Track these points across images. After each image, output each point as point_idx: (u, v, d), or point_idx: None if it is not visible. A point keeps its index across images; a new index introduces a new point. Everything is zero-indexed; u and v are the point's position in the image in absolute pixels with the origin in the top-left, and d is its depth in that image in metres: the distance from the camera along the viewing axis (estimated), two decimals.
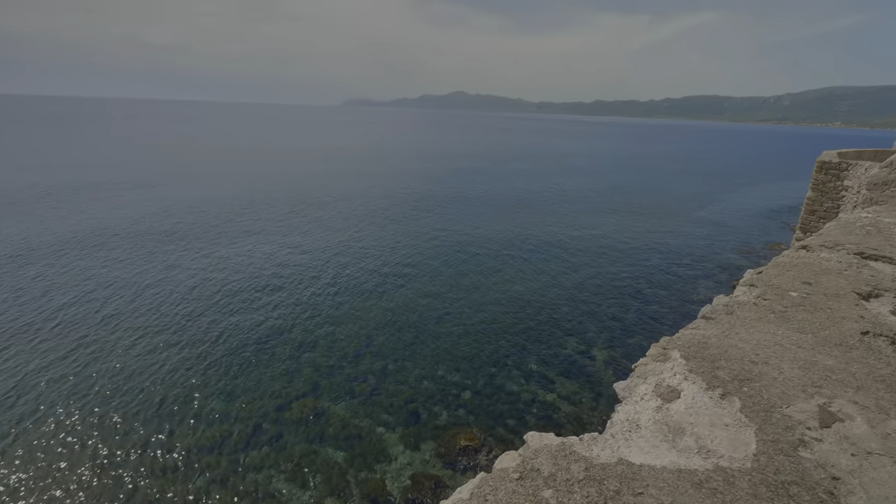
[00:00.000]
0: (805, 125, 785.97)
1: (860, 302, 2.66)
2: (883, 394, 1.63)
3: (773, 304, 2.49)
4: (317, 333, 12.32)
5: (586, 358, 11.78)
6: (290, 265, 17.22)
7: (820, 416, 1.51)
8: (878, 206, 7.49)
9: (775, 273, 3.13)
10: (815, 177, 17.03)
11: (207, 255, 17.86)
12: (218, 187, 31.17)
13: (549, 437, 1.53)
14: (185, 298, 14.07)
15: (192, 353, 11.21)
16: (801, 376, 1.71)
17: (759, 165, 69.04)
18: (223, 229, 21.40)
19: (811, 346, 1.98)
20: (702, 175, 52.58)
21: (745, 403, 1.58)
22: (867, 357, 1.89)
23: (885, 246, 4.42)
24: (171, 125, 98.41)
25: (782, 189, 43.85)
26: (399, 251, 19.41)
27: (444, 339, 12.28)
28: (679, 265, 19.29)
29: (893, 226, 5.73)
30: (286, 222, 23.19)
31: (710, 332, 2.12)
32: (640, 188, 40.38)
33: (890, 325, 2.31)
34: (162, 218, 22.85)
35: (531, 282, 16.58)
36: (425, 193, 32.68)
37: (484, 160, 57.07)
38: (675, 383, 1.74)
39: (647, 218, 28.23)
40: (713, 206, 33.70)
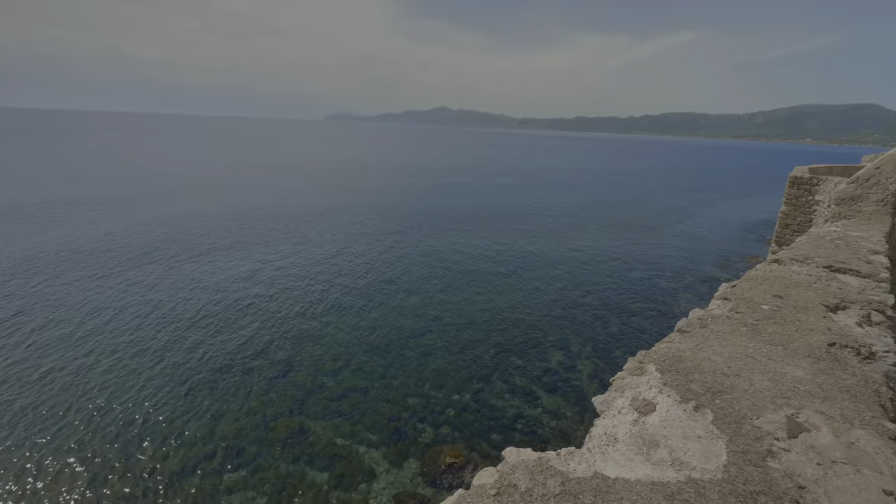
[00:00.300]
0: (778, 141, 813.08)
1: (828, 314, 2.76)
2: (847, 404, 1.69)
3: (746, 318, 2.57)
4: (299, 351, 12.13)
5: (571, 371, 11.82)
6: (272, 282, 17.00)
7: (788, 426, 1.56)
8: (846, 221, 7.73)
9: (748, 287, 3.23)
10: (787, 192, 17.57)
11: (187, 273, 17.54)
12: (198, 203, 30.76)
13: (526, 453, 1.55)
14: (164, 317, 13.75)
15: (172, 373, 10.93)
16: (771, 388, 1.77)
17: (735, 180, 71.03)
18: (203, 246, 21.08)
19: (781, 359, 2.05)
20: (680, 190, 53.83)
21: (717, 415, 1.62)
22: (833, 368, 1.96)
23: (853, 259, 4.57)
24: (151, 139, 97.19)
25: (757, 203, 45.13)
26: (383, 267, 19.34)
27: (429, 355, 12.21)
28: (661, 278, 19.61)
29: (861, 239, 5.92)
30: (268, 238, 22.96)
31: (685, 346, 2.17)
32: (622, 202, 41.13)
33: (855, 337, 2.39)
34: (140, 235, 22.41)
35: (516, 296, 16.65)
36: (409, 209, 32.75)
37: (467, 175, 57.56)
38: (650, 397, 1.78)
39: (628, 232, 28.71)
40: (692, 219, 34.46)
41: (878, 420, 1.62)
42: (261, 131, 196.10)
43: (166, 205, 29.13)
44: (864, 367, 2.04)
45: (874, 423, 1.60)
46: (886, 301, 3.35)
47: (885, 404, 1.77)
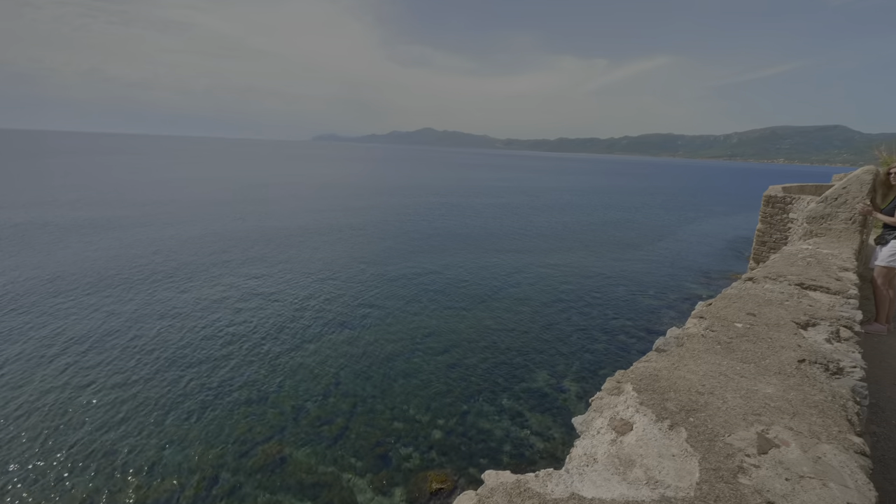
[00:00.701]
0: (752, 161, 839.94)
1: (798, 331, 2.85)
2: (815, 419, 1.75)
3: (720, 336, 2.64)
4: (281, 376, 11.92)
5: (558, 391, 11.81)
6: (253, 306, 16.77)
7: (758, 443, 1.61)
8: (817, 238, 7.96)
9: (723, 305, 3.32)
10: (763, 210, 18.15)
11: (165, 298, 17.21)
12: (179, 225, 30.38)
13: (504, 475, 1.56)
14: (139, 345, 13.42)
15: (147, 399, 10.61)
16: (743, 405, 1.82)
17: (714, 198, 72.92)
18: (183, 270, 20.75)
19: (753, 376, 2.11)
20: (662, 208, 55.02)
21: (691, 433, 1.66)
22: (802, 384, 2.03)
23: (823, 276, 4.71)
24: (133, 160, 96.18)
25: (736, 220, 46.33)
26: (366, 288, 19.25)
27: (415, 377, 12.10)
28: (644, 295, 19.87)
29: (831, 257, 6.10)
30: (250, 261, 22.71)
31: (661, 365, 2.23)
32: (606, 221, 41.83)
33: (824, 353, 2.48)
34: (118, 259, 21.98)
35: (502, 316, 16.69)
36: (394, 229, 32.82)
37: (452, 195, 58.04)
38: (627, 416, 1.81)
39: (612, 250, 29.14)
40: (673, 237, 35.17)
41: (844, 434, 1.68)
42: (246, 152, 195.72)
43: (147, 228, 28.70)
44: (832, 383, 2.12)
45: (840, 438, 1.65)
46: (854, 317, 3.47)
47: (851, 418, 1.83)
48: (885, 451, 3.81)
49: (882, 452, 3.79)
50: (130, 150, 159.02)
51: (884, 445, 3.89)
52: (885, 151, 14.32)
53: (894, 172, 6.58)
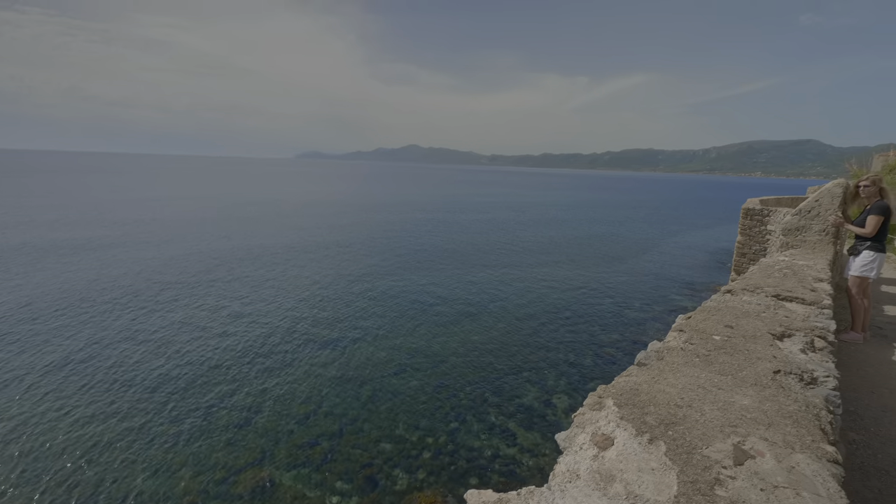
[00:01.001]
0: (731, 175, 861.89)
1: (774, 342, 2.91)
2: (789, 429, 1.79)
3: (699, 349, 2.69)
4: (264, 396, 11.69)
5: (547, 407, 11.78)
6: (236, 323, 16.51)
7: (734, 454, 1.64)
8: (793, 250, 8.16)
9: (702, 318, 3.38)
10: (742, 222, 18.58)
11: (147, 318, 16.85)
12: (160, 244, 29.93)
13: (487, 494, 1.57)
14: (122, 368, 13.08)
15: (128, 427, 10.30)
16: (720, 417, 1.86)
17: (695, 211, 74.42)
18: (165, 288, 20.38)
19: (730, 388, 2.15)
20: (645, 221, 55.94)
21: (670, 447, 1.69)
22: (778, 395, 2.08)
23: (798, 287, 4.82)
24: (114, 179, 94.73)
25: (717, 232, 47.29)
26: (353, 305, 19.10)
27: (402, 396, 11.97)
28: (630, 308, 20.06)
29: (806, 268, 6.25)
30: (234, 280, 22.41)
31: (642, 379, 2.26)
32: (590, 236, 42.34)
33: (798, 364, 2.54)
34: (99, 280, 21.52)
35: (490, 332, 16.67)
36: (380, 246, 32.76)
37: (438, 211, 58.28)
38: (608, 431, 1.84)
39: (597, 263, 29.44)
40: (657, 249, 35.71)
41: (817, 443, 1.73)
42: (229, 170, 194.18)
43: (128, 248, 28.20)
44: (807, 393, 2.17)
45: (814, 447, 1.70)
46: (829, 327, 3.56)
47: (824, 428, 1.88)
48: (865, 459, 3.87)
49: (862, 460, 3.86)
50: (111, 168, 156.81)
51: (863, 453, 3.96)
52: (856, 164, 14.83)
53: (863, 185, 6.80)
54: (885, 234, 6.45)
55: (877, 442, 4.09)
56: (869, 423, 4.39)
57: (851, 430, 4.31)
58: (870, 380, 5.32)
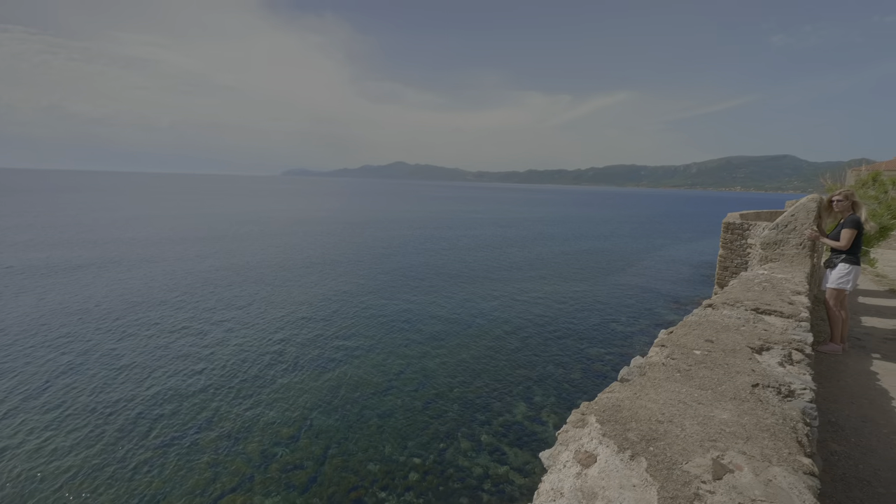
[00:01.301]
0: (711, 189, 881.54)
1: (753, 356, 2.97)
2: (767, 442, 1.82)
3: (680, 364, 2.73)
4: (248, 419, 11.43)
5: (537, 424, 11.72)
6: (219, 344, 16.20)
7: (713, 469, 1.66)
8: (772, 264, 8.34)
9: (683, 332, 3.44)
10: (723, 236, 18.96)
11: (130, 339, 16.46)
12: (144, 265, 29.41)
13: None
14: (99, 390, 12.71)
15: (106, 450, 9.96)
16: (700, 432, 1.88)
17: (679, 225, 75.75)
18: (144, 309, 19.97)
19: (710, 402, 2.19)
20: (630, 236, 56.71)
21: (651, 463, 1.71)
22: (756, 409, 2.11)
23: (777, 301, 4.92)
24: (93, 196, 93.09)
25: (701, 246, 48.13)
26: (338, 324, 18.91)
27: (390, 415, 11.80)
28: (617, 322, 20.20)
29: (785, 281, 6.39)
30: (217, 299, 22.07)
31: (624, 395, 2.29)
32: (577, 250, 42.74)
33: (776, 377, 2.59)
34: (77, 301, 21.02)
35: (478, 348, 16.61)
36: (367, 263, 32.63)
37: (425, 228, 58.40)
38: (591, 448, 1.85)
39: (584, 278, 29.68)
40: (643, 263, 36.16)
41: (794, 456, 1.76)
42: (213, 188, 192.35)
43: (107, 269, 27.63)
44: (784, 406, 2.22)
45: (791, 460, 1.73)
46: (806, 339, 3.64)
47: (801, 440, 1.92)
48: (846, 470, 3.92)
49: (843, 471, 3.90)
50: (92, 187, 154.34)
51: (844, 464, 4.01)
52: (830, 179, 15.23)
53: (836, 200, 7.02)
54: (858, 246, 6.64)
55: (857, 452, 4.15)
56: (849, 434, 4.46)
57: (833, 440, 4.37)
58: (849, 390, 5.42)
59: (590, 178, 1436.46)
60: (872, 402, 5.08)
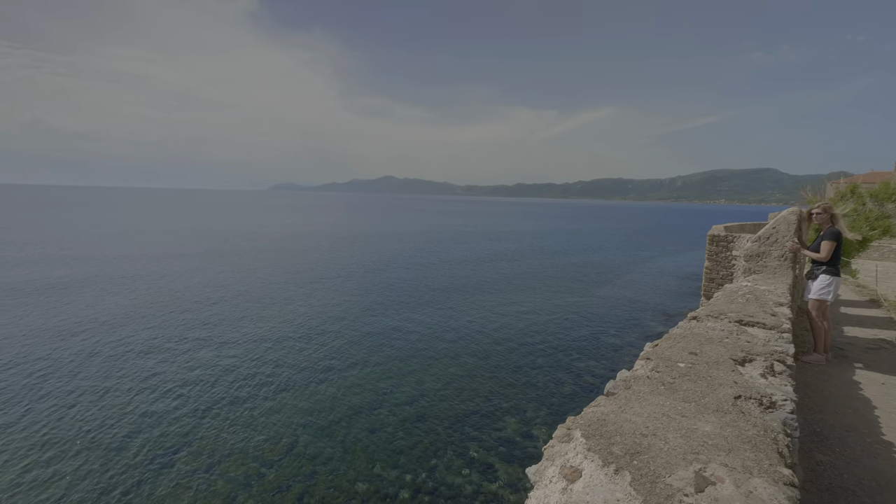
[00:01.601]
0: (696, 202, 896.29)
1: (736, 368, 3.01)
2: (748, 454, 1.85)
3: (664, 377, 2.76)
4: (233, 438, 11.20)
5: (528, 439, 11.64)
6: (200, 360, 15.92)
7: (696, 481, 1.68)
8: (755, 275, 8.47)
9: (668, 345, 3.47)
10: (708, 248, 19.23)
11: (113, 360, 16.11)
12: (127, 284, 28.95)
13: None
14: (83, 410, 12.38)
15: (87, 475, 9.66)
16: (683, 444, 1.90)
17: (666, 237, 76.70)
18: (132, 328, 19.60)
19: (693, 415, 2.21)
20: (618, 248, 57.25)
21: (635, 476, 1.72)
22: (738, 420, 2.14)
23: (760, 312, 5.00)
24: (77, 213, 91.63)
25: (688, 258, 48.72)
26: (327, 339, 18.72)
27: (380, 432, 11.64)
28: (606, 335, 20.27)
29: (768, 293, 6.49)
30: (203, 317, 21.75)
31: (609, 409, 2.30)
32: (566, 263, 42.99)
33: (758, 388, 2.62)
34: (59, 320, 20.57)
35: (468, 363, 16.52)
36: (356, 278, 32.47)
37: (414, 242, 58.37)
38: (577, 463, 1.86)
39: (574, 291, 29.81)
40: (632, 276, 36.47)
41: (774, 467, 1.79)
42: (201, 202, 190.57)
43: (93, 289, 27.13)
44: (765, 417, 2.25)
45: (771, 471, 1.75)
46: (788, 351, 3.69)
47: (781, 451, 1.95)
48: (832, 480, 3.96)
49: (829, 481, 3.94)
50: (76, 203, 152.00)
51: (830, 473, 4.05)
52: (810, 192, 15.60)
53: (815, 213, 7.19)
54: (838, 258, 6.79)
55: (842, 462, 4.20)
56: (834, 444, 4.50)
57: (818, 451, 4.42)
58: (833, 400, 5.49)
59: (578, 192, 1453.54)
60: (856, 412, 5.15)
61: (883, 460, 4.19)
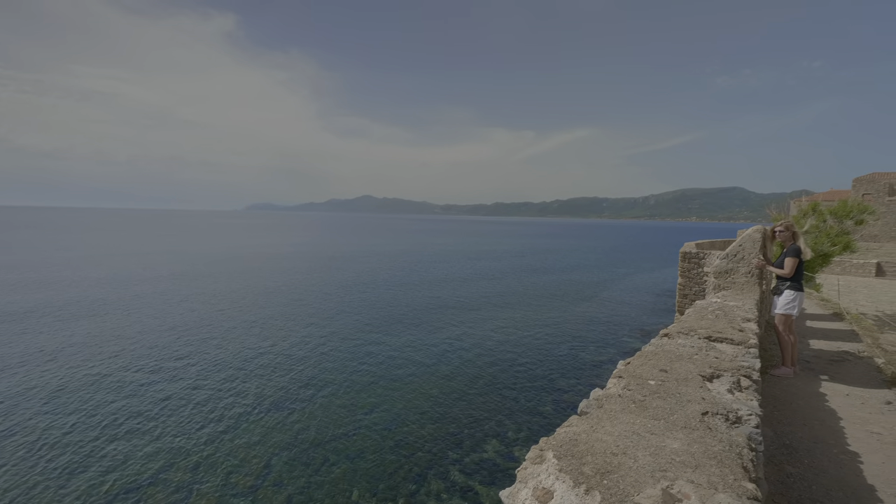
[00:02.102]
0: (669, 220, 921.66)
1: (704, 384, 3.08)
2: (714, 469, 1.89)
3: (635, 395, 2.81)
4: (205, 466, 10.76)
5: (508, 460, 11.53)
6: (169, 386, 15.37)
7: (663, 499, 1.71)
8: (725, 292, 8.72)
9: (639, 363, 3.54)
10: (681, 265, 19.73)
11: (82, 390, 15.40)
12: (96, 312, 27.92)
13: None
14: (54, 439, 11.74)
15: None
16: (652, 462, 1.94)
17: (641, 255, 78.36)
18: (100, 363, 18.83)
19: (662, 432, 2.25)
20: (595, 266, 58.17)
21: (605, 496, 1.74)
22: (705, 437, 2.19)
23: (728, 328, 5.14)
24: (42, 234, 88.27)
25: (664, 274, 49.80)
26: (303, 363, 18.33)
27: (358, 458, 11.36)
28: (586, 352, 20.43)
29: (736, 308, 6.69)
30: (172, 345, 21.08)
31: (581, 428, 2.33)
32: (544, 282, 43.39)
33: (725, 404, 2.69)
34: (16, 347, 19.63)
35: (447, 383, 16.38)
36: (333, 299, 32.06)
37: (394, 260, 58.11)
38: (548, 484, 1.87)
39: (553, 309, 30.05)
40: (608, 293, 37.02)
41: (739, 482, 1.83)
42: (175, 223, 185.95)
43: (57, 316, 26.04)
44: (731, 432, 2.31)
45: (735, 486, 1.80)
46: (754, 366, 3.80)
47: (746, 465, 2.00)
48: (801, 492, 4.04)
49: (798, 493, 4.02)
50: (42, 224, 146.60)
51: (799, 485, 4.14)
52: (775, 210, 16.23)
53: (778, 231, 7.50)
54: (801, 273, 7.07)
55: (811, 474, 4.30)
56: (803, 456, 4.61)
57: (788, 463, 4.52)
58: (801, 412, 5.64)
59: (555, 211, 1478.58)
60: (823, 423, 5.30)
61: (849, 471, 4.30)
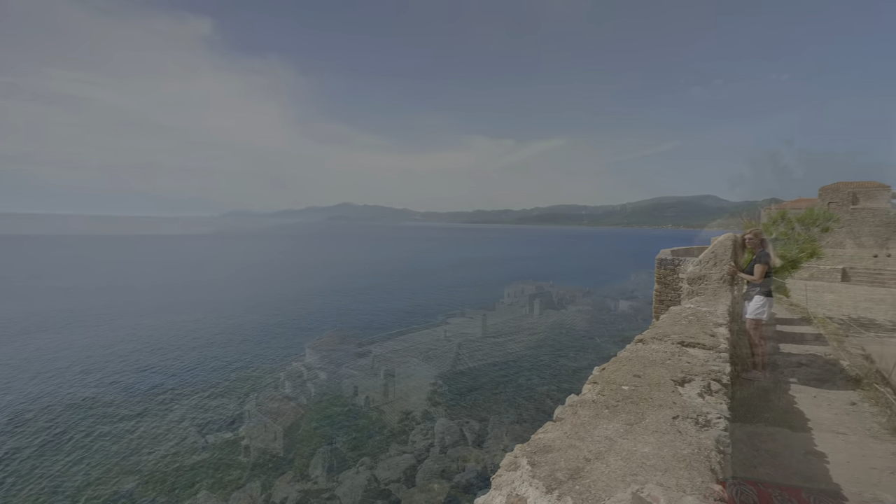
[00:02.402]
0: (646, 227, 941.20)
1: (676, 388, 3.15)
2: (682, 472, 1.94)
3: (609, 400, 2.86)
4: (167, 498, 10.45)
5: (493, 470, 11.50)
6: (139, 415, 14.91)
7: (633, 502, 1.75)
8: (698, 297, 8.92)
9: (614, 369, 3.60)
10: (657, 272, 20.11)
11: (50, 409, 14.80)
12: (61, 328, 26.95)
13: None
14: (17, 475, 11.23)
15: None
16: (623, 466, 1.98)
17: (619, 261, 79.79)
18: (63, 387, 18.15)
19: (633, 437, 2.30)
20: (576, 273, 58.93)
21: (576, 500, 1.77)
22: (675, 440, 2.24)
23: (700, 333, 5.27)
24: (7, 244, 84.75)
25: (640, 280, 50.75)
26: (278, 378, 18.00)
27: (343, 472, 11.17)
28: (566, 358, 20.61)
29: (708, 314, 6.85)
30: (142, 366, 20.48)
31: (555, 435, 2.36)
32: (526, 289, 43.65)
33: (695, 408, 2.76)
34: None
35: (431, 393, 16.31)
36: (304, 312, 31.63)
37: (376, 267, 57.73)
38: (522, 491, 1.89)
39: (534, 316, 30.26)
40: (588, 299, 37.53)
41: (706, 484, 1.88)
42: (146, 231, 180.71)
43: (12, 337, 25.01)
44: (700, 435, 2.36)
45: (703, 488, 1.85)
46: (724, 370, 3.90)
47: (714, 468, 2.05)
48: None
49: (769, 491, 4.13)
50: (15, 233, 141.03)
51: None
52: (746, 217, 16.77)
53: (748, 237, 7.75)
54: (770, 279, 7.31)
55: (781, 475, 4.42)
56: (771, 457, 4.75)
57: (760, 465, 4.64)
58: (771, 414, 5.80)
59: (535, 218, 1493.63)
60: (791, 425, 5.46)
61: (817, 470, 4.45)
